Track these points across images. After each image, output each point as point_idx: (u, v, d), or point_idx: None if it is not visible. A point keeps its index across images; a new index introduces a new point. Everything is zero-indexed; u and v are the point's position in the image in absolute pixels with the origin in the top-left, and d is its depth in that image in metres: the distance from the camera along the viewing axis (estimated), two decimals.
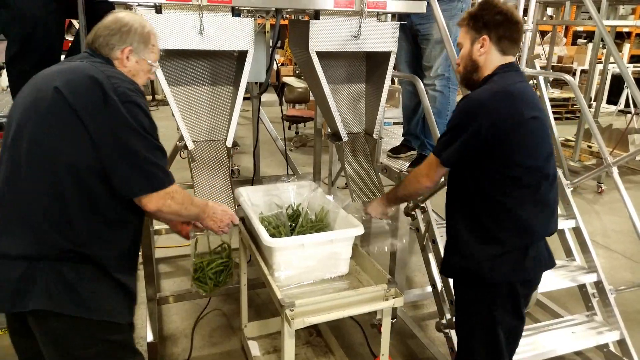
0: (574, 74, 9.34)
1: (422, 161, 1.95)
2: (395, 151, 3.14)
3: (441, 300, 2.45)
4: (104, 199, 1.49)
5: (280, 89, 8.50)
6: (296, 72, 9.08)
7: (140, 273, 2.71)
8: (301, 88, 7.52)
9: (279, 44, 2.68)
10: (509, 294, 1.76)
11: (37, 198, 1.43)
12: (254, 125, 3.36)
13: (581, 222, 2.76)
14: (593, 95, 6.87)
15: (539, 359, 2.40)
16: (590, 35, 10.74)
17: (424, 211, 2.50)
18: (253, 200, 2.35)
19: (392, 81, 2.86)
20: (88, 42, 1.63)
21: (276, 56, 3.08)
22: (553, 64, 7.38)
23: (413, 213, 2.54)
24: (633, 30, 10.54)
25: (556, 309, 3.12)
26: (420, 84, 2.64)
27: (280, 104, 7.84)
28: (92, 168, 1.45)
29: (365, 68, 2.75)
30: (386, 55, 2.48)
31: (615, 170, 2.76)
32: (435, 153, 1.80)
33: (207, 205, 1.84)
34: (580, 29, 11.53)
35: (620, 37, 10.41)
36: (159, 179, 1.53)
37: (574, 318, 2.71)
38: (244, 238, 2.36)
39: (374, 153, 2.74)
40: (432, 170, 1.84)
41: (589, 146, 6.21)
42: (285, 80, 8.59)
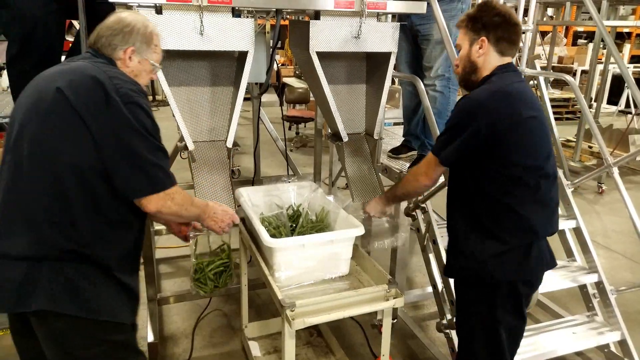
0: (574, 75, 9.33)
1: None
2: (395, 151, 3.14)
3: (442, 300, 2.45)
4: (107, 200, 1.48)
5: (280, 89, 8.50)
6: (296, 73, 9.08)
7: (141, 273, 2.67)
8: (301, 88, 7.52)
9: (279, 45, 2.68)
10: (510, 294, 1.76)
11: (38, 198, 1.43)
12: (254, 126, 3.36)
13: (582, 223, 2.76)
14: (593, 95, 6.87)
15: (539, 359, 2.40)
16: (590, 36, 10.73)
17: (425, 211, 2.50)
18: (253, 201, 2.34)
19: (393, 82, 2.86)
20: (90, 42, 1.62)
21: (276, 57, 3.08)
22: (553, 65, 7.37)
23: (413, 213, 2.54)
24: (633, 31, 10.53)
25: (557, 309, 3.11)
26: (421, 85, 2.64)
27: (281, 105, 7.84)
28: (95, 169, 1.44)
29: (366, 68, 2.75)
30: (386, 55, 2.48)
31: (615, 171, 2.76)
32: (433, 152, 1.81)
33: (208, 206, 1.83)
34: (580, 29, 11.53)
35: (621, 38, 10.40)
36: (160, 180, 1.53)
37: (574, 318, 2.71)
38: (244, 238, 2.36)
39: (375, 153, 2.74)
40: (431, 169, 1.85)
41: (590, 146, 6.21)
42: (285, 80, 8.60)
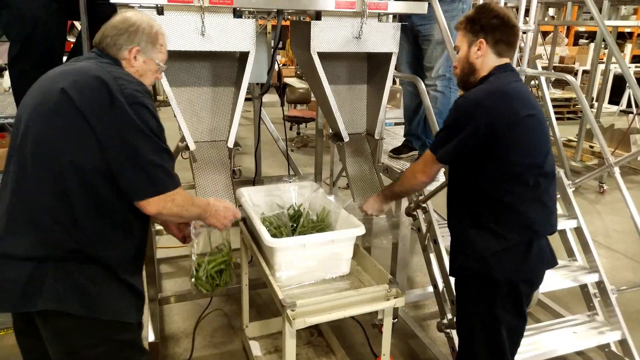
0: (575, 74, 9.34)
1: None
2: (396, 151, 3.14)
3: (442, 300, 2.45)
4: (111, 201, 1.48)
5: (281, 89, 8.50)
6: (297, 73, 9.08)
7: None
8: (302, 89, 7.52)
9: (280, 45, 2.69)
10: (510, 293, 1.76)
11: (42, 198, 1.43)
12: (255, 126, 3.37)
13: (583, 222, 2.76)
14: (595, 95, 6.87)
15: (540, 358, 2.40)
16: (592, 36, 10.74)
17: (426, 211, 2.50)
18: (254, 201, 2.35)
19: (394, 82, 2.87)
20: (96, 42, 1.62)
21: (277, 57, 3.08)
22: (555, 64, 7.36)
23: (414, 213, 2.54)
24: (635, 31, 10.53)
25: (557, 309, 3.11)
26: (422, 85, 2.64)
27: (282, 105, 7.84)
28: (99, 169, 1.44)
29: (367, 69, 2.76)
30: (387, 56, 2.48)
31: (617, 171, 2.76)
32: (431, 149, 1.82)
33: (209, 204, 1.82)
34: (582, 29, 11.53)
35: (622, 38, 10.39)
36: (162, 183, 1.52)
37: (575, 318, 2.71)
38: (245, 238, 2.36)
39: (375, 153, 2.74)
40: (428, 167, 1.86)
41: (591, 146, 6.20)
42: (286, 81, 8.60)
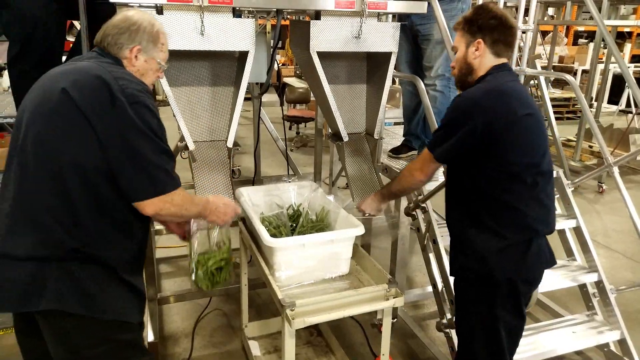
0: (575, 74, 9.33)
1: None
2: (395, 151, 3.14)
3: (442, 299, 2.45)
4: (112, 201, 1.48)
5: (281, 89, 8.50)
6: (297, 73, 9.08)
7: None
8: (302, 88, 7.52)
9: (279, 45, 2.69)
10: (509, 293, 1.76)
11: (43, 198, 1.43)
12: (254, 126, 3.37)
13: (582, 222, 2.76)
14: (594, 95, 6.88)
15: (539, 358, 2.40)
16: (591, 35, 10.73)
17: (425, 211, 2.50)
18: (254, 201, 2.35)
19: (393, 81, 2.87)
20: (96, 41, 1.61)
21: (277, 57, 3.08)
22: (554, 64, 7.36)
23: (414, 213, 2.54)
24: (634, 30, 10.52)
25: (557, 308, 3.12)
26: (421, 84, 2.64)
27: (281, 105, 7.83)
28: (99, 169, 1.43)
29: (366, 68, 2.76)
30: (387, 55, 2.48)
31: (616, 170, 2.76)
32: (429, 148, 1.82)
33: (209, 202, 1.81)
34: (581, 28, 11.52)
35: (622, 37, 10.39)
36: (162, 183, 1.51)
37: (574, 318, 2.71)
38: (244, 238, 2.36)
39: (375, 153, 2.74)
40: (426, 165, 1.86)
41: (590, 146, 6.21)
42: (286, 80, 8.60)
